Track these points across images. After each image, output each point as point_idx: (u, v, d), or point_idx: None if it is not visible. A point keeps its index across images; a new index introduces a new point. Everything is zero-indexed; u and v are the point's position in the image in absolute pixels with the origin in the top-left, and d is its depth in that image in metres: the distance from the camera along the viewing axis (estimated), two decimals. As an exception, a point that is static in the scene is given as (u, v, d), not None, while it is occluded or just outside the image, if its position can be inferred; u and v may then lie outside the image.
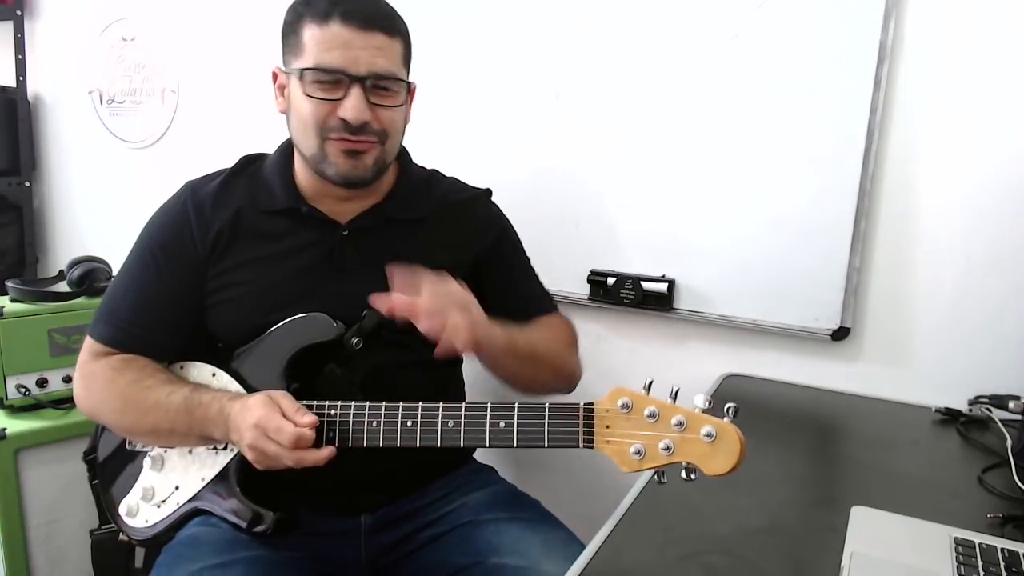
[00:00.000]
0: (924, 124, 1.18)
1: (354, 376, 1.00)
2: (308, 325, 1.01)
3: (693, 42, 1.30)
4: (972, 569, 0.69)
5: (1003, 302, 1.15)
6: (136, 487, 1.07)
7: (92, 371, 1.06)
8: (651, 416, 0.77)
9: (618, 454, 0.79)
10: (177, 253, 1.06)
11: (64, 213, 2.43)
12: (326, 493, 1.05)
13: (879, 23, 1.16)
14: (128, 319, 1.06)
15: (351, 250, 1.06)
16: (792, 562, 0.74)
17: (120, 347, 1.06)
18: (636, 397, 0.79)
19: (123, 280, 1.09)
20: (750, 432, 0.75)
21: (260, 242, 1.06)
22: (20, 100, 2.34)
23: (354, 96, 0.96)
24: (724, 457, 0.74)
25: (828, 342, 1.27)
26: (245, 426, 0.92)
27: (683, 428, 0.75)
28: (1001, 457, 0.98)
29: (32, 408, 1.59)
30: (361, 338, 0.99)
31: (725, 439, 0.74)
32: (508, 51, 1.47)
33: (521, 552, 0.98)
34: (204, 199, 1.07)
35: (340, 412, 0.94)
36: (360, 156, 1.00)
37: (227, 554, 0.96)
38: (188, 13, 1.98)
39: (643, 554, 0.75)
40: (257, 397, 0.94)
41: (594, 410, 0.81)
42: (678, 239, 1.36)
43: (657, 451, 0.76)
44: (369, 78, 0.96)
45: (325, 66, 0.95)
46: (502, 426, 0.86)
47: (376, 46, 0.96)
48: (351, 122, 0.96)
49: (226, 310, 1.05)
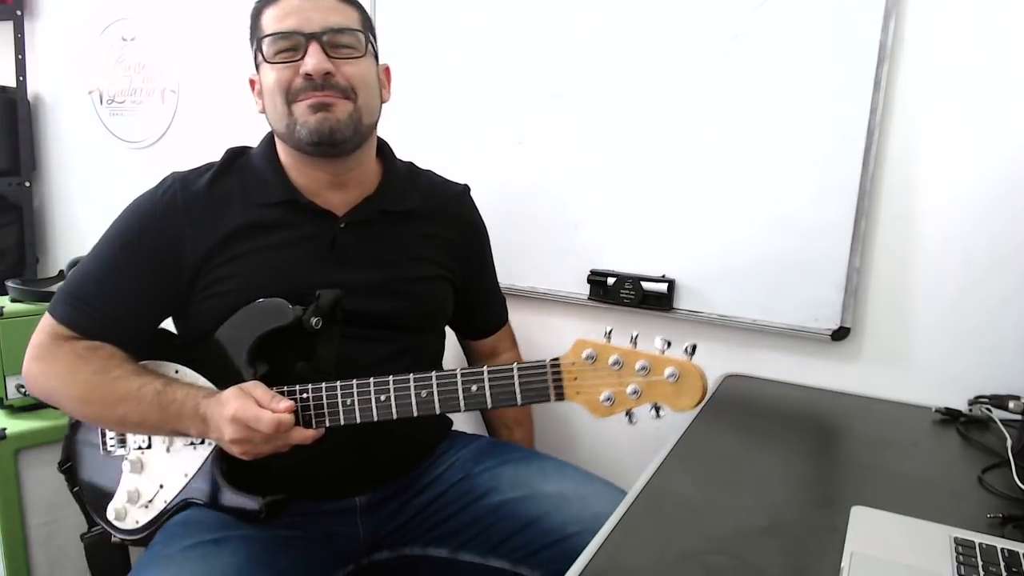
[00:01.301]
0: (924, 124, 1.18)
1: (325, 366, 0.99)
2: (264, 311, 0.99)
3: (693, 42, 1.30)
4: (972, 569, 0.69)
5: (1003, 302, 1.15)
6: (120, 491, 1.07)
7: (52, 353, 1.01)
8: (615, 364, 0.81)
9: (589, 403, 0.83)
10: (163, 249, 1.02)
11: (64, 213, 2.43)
12: (315, 487, 1.06)
13: (879, 23, 1.16)
14: (97, 306, 1.02)
15: (349, 241, 1.06)
16: (792, 562, 0.74)
17: (85, 333, 1.02)
18: (599, 347, 0.82)
19: (96, 264, 1.04)
20: (750, 432, 0.75)
21: (257, 237, 1.04)
22: (20, 100, 2.34)
23: (313, 50, 0.98)
24: (688, 394, 0.79)
25: (828, 342, 1.27)
26: (224, 421, 0.91)
27: (647, 372, 0.80)
28: (1001, 457, 0.98)
29: (32, 408, 1.59)
30: (320, 317, 0.97)
31: (688, 378, 0.79)
32: (507, 51, 1.47)
33: (522, 484, 1.04)
34: (197, 196, 1.04)
35: (312, 394, 0.95)
36: (329, 108, 0.99)
37: (222, 531, 0.96)
38: (188, 13, 1.98)
39: (643, 554, 0.75)
40: (230, 391, 0.93)
41: (560, 364, 0.84)
42: (678, 239, 1.36)
43: (626, 396, 0.81)
44: (325, 33, 0.98)
45: (280, 30, 0.99)
46: (474, 390, 0.89)
47: (327, 7, 1.00)
48: (312, 74, 0.97)
49: (221, 304, 1.02)
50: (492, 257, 1.29)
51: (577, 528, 0.96)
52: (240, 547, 0.94)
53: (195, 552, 0.93)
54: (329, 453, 0.99)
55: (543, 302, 1.50)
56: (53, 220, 2.46)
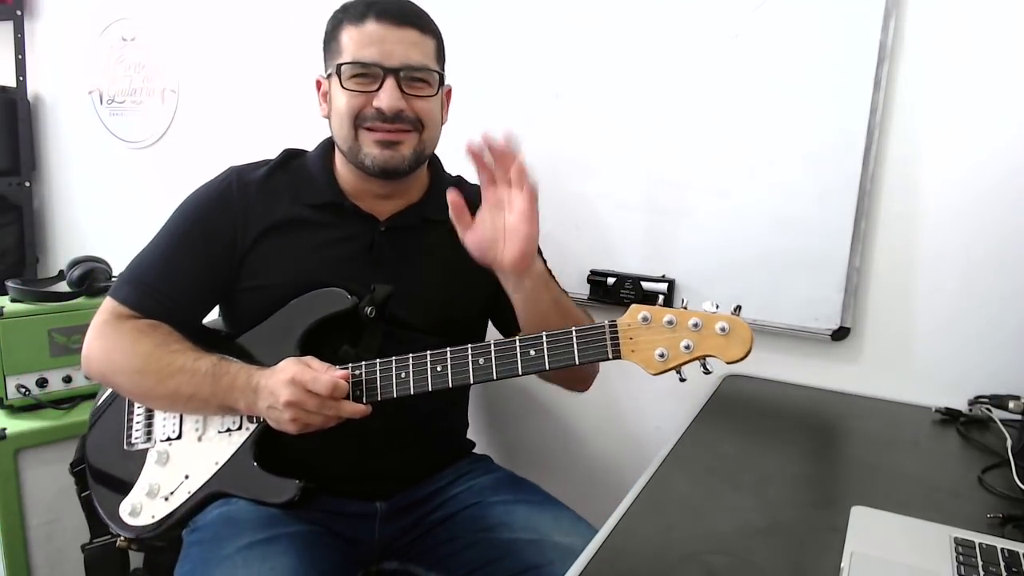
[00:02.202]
0: (924, 124, 1.18)
1: (367, 355, 1.01)
2: (322, 298, 1.04)
3: (693, 42, 1.30)
4: (972, 569, 0.69)
5: (1003, 302, 1.15)
6: (140, 484, 1.07)
7: (115, 330, 1.06)
8: (669, 323, 0.87)
9: (644, 360, 0.87)
10: (216, 233, 1.08)
11: (64, 213, 2.43)
12: (342, 479, 1.08)
13: (879, 23, 1.16)
14: (156, 286, 1.07)
15: (388, 245, 1.10)
16: (792, 562, 0.74)
17: (144, 312, 1.07)
18: (653, 310, 0.88)
19: (156, 249, 1.10)
20: (750, 432, 0.76)
21: (301, 233, 1.09)
22: (20, 100, 2.34)
23: (388, 86, 1.01)
24: (738, 344, 0.85)
25: (828, 342, 1.27)
26: (280, 384, 0.94)
27: (699, 328, 0.86)
28: (1001, 457, 0.98)
29: (32, 408, 1.59)
30: (374, 307, 1.03)
31: (737, 330, 0.85)
32: (507, 51, 1.47)
33: (533, 527, 1.03)
34: (250, 186, 1.10)
35: (366, 370, 0.98)
36: (396, 146, 1.04)
37: (269, 529, 0.98)
38: (188, 13, 1.98)
39: (643, 554, 0.75)
40: (286, 360, 0.97)
41: (618, 325, 0.89)
42: (678, 239, 1.36)
43: (679, 350, 0.86)
44: (403, 69, 1.02)
45: (361, 59, 1.01)
46: (532, 354, 0.91)
47: (410, 41, 1.02)
48: (386, 110, 1.01)
49: (260, 296, 1.08)
50: None
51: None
52: (290, 546, 0.96)
53: (254, 552, 0.94)
54: (358, 446, 1.04)
55: (543, 302, 1.50)
56: (53, 220, 2.46)
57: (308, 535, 1.00)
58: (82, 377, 1.63)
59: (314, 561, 0.96)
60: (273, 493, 1.00)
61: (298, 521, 1.01)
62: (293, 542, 0.97)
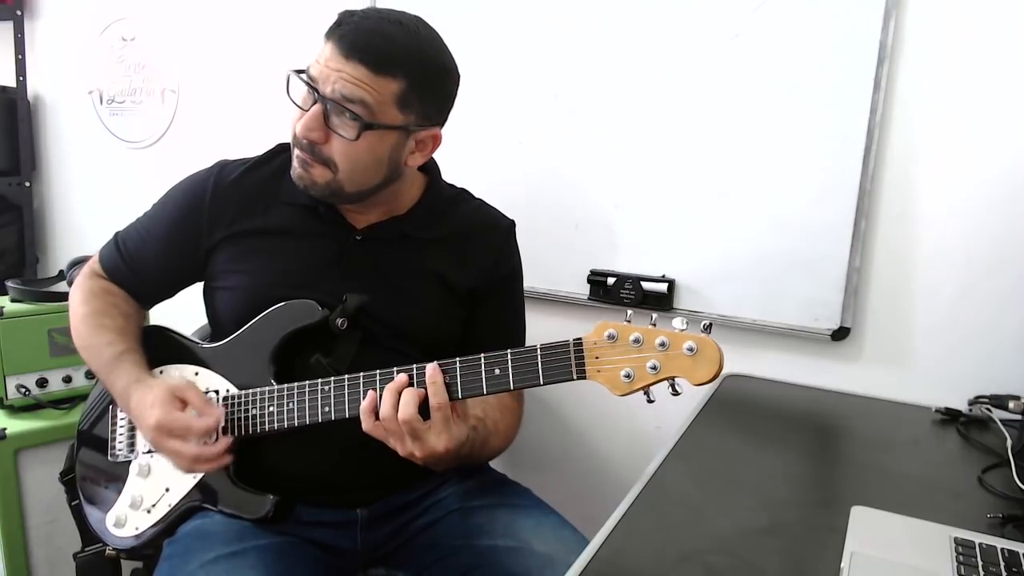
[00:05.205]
0: (924, 124, 1.18)
1: (340, 365, 1.00)
2: (293, 311, 1.02)
3: (693, 42, 1.30)
4: (972, 569, 0.69)
5: (1003, 302, 1.15)
6: (124, 496, 1.07)
7: (79, 285, 1.14)
8: (636, 341, 0.83)
9: (609, 380, 0.84)
10: (183, 226, 1.09)
11: (64, 213, 2.43)
12: (322, 487, 1.06)
13: (879, 23, 1.16)
14: (125, 252, 1.13)
15: (360, 254, 1.07)
16: (792, 562, 0.74)
17: (110, 276, 1.14)
18: (620, 327, 0.84)
19: (142, 220, 1.16)
20: (750, 432, 0.75)
21: (273, 232, 1.07)
22: (20, 100, 2.34)
23: (312, 112, 0.95)
24: (706, 366, 0.79)
25: (828, 342, 1.27)
26: (147, 428, 0.97)
27: (666, 347, 0.81)
28: (1001, 457, 0.98)
29: (32, 408, 1.59)
30: (345, 318, 1.01)
31: (705, 351, 0.79)
32: (508, 52, 1.47)
33: (511, 534, 1.00)
34: (225, 184, 1.09)
35: (335, 384, 0.97)
36: (308, 169, 0.99)
37: (238, 543, 0.96)
38: (188, 13, 1.98)
39: (643, 554, 0.75)
40: (158, 388, 0.98)
41: (583, 343, 0.85)
42: (678, 239, 1.36)
43: (645, 371, 0.82)
44: (330, 100, 0.93)
45: (308, 73, 0.96)
46: (497, 373, 0.89)
47: (354, 77, 0.92)
48: (297, 134, 0.97)
49: (228, 298, 1.07)
50: (520, 297, 1.19)
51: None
52: (259, 560, 0.94)
53: (218, 568, 0.92)
54: (338, 453, 1.01)
55: (543, 302, 1.50)
56: (53, 220, 2.46)
57: (281, 546, 0.98)
58: (82, 377, 1.63)
59: (286, 572, 0.94)
60: (249, 509, 0.99)
61: (271, 533, 0.99)
62: (263, 555, 0.95)
